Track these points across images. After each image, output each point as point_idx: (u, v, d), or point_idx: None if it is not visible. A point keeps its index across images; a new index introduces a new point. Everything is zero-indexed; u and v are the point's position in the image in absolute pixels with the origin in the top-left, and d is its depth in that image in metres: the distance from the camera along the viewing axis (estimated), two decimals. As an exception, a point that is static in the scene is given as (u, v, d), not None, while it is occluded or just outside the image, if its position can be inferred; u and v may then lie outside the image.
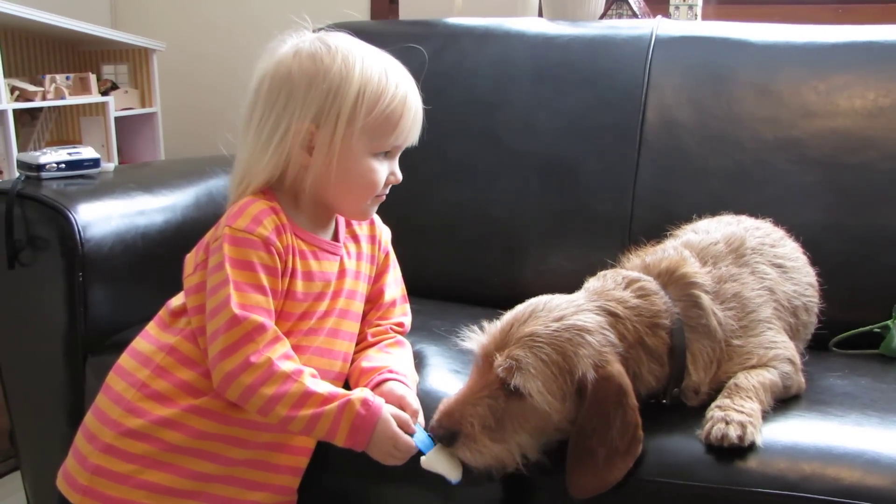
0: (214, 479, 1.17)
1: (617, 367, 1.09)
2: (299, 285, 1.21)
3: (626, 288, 1.18)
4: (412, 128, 1.25)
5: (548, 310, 1.13)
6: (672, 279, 1.20)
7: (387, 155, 1.25)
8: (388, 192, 1.29)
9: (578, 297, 1.18)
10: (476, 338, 1.15)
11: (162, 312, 1.28)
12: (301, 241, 1.22)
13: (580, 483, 1.07)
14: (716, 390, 1.18)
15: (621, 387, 1.08)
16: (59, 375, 1.53)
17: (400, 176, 1.28)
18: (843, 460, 1.06)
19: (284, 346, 1.14)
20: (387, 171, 1.25)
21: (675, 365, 1.16)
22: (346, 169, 1.22)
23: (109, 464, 1.16)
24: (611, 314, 1.14)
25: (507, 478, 1.13)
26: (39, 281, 1.51)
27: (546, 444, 1.12)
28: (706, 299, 1.19)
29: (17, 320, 1.59)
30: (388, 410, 1.13)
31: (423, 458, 1.11)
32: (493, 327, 1.15)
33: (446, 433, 1.11)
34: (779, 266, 1.31)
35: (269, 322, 1.14)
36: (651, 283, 1.19)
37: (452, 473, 1.10)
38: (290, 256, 1.20)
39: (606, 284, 1.20)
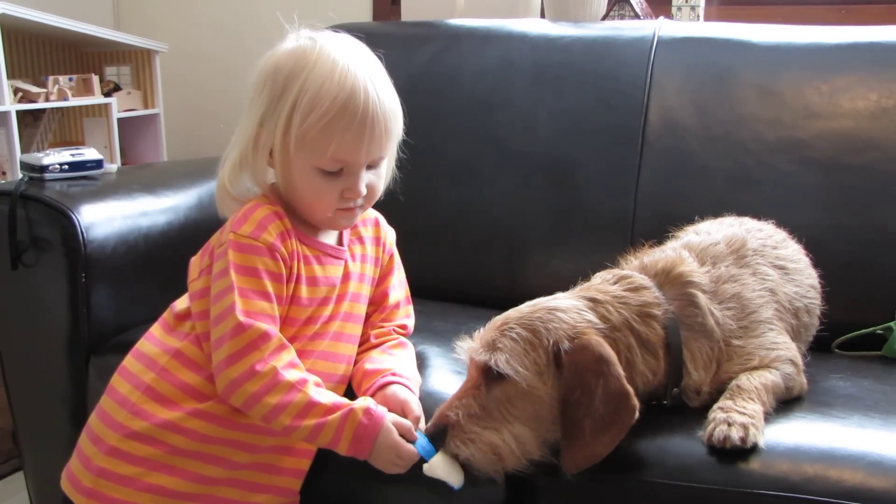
0: (219, 483, 1.17)
1: (595, 338, 1.09)
2: (304, 291, 1.21)
3: (615, 283, 1.19)
4: (355, 142, 1.16)
5: (527, 303, 1.16)
6: (669, 279, 1.21)
7: (339, 172, 1.19)
8: (359, 202, 1.23)
9: (563, 292, 1.19)
10: (464, 345, 1.16)
11: (166, 315, 1.28)
12: (305, 247, 1.22)
13: (570, 458, 1.07)
14: (717, 391, 1.18)
15: (601, 355, 1.07)
16: (61, 376, 1.53)
17: (361, 191, 1.20)
18: (845, 462, 1.06)
19: (290, 355, 1.14)
20: (337, 188, 1.19)
21: (671, 361, 1.15)
22: (289, 178, 1.21)
23: (114, 466, 1.17)
24: (591, 300, 1.15)
25: (509, 479, 1.13)
26: (42, 282, 1.51)
27: (546, 439, 1.11)
28: (703, 298, 1.19)
29: (20, 321, 1.59)
30: (390, 419, 1.13)
31: (425, 465, 1.11)
32: (479, 332, 1.16)
33: (437, 430, 1.11)
34: (780, 268, 1.31)
35: (274, 329, 1.14)
36: (642, 280, 1.19)
37: (454, 479, 1.10)
38: (295, 262, 1.20)
39: (594, 281, 1.21)
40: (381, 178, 1.25)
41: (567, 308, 1.12)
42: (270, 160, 1.21)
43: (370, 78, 1.18)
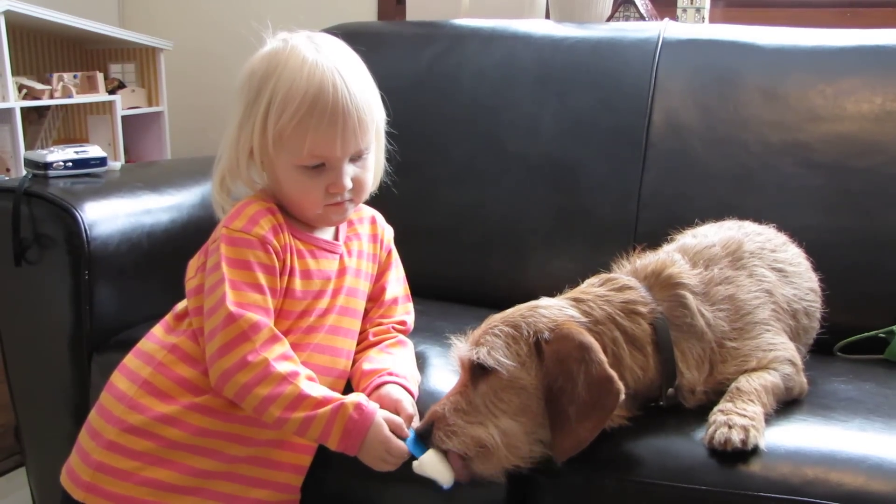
0: (216, 476, 1.18)
1: (575, 327, 1.10)
2: (297, 283, 1.22)
3: (600, 285, 1.20)
4: (329, 136, 1.17)
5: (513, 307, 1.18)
6: (658, 280, 1.21)
7: (323, 166, 1.20)
8: (347, 196, 1.23)
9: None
10: (455, 350, 1.17)
11: (168, 317, 1.29)
12: (298, 241, 1.24)
13: (558, 446, 1.08)
14: (714, 393, 1.18)
15: (581, 342, 1.08)
16: (64, 373, 1.54)
17: (345, 184, 1.21)
18: (846, 465, 1.06)
19: (283, 347, 1.15)
20: (322, 184, 1.21)
21: (662, 360, 1.16)
22: (274, 179, 1.23)
23: (112, 460, 1.17)
24: (574, 300, 1.17)
25: (510, 478, 1.13)
26: (46, 279, 1.52)
27: (538, 434, 1.11)
28: (692, 299, 1.19)
29: (24, 318, 1.60)
30: (381, 415, 1.13)
31: (414, 463, 1.12)
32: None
33: (426, 427, 1.12)
34: (779, 270, 1.31)
35: (266, 320, 1.15)
36: (628, 280, 1.20)
37: (444, 478, 1.10)
38: (288, 255, 1.21)
39: (581, 286, 1.22)
40: (367, 170, 1.26)
41: (549, 305, 1.15)
42: (256, 163, 1.23)
43: (338, 71, 1.19)
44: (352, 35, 1.40)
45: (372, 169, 1.28)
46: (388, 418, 1.14)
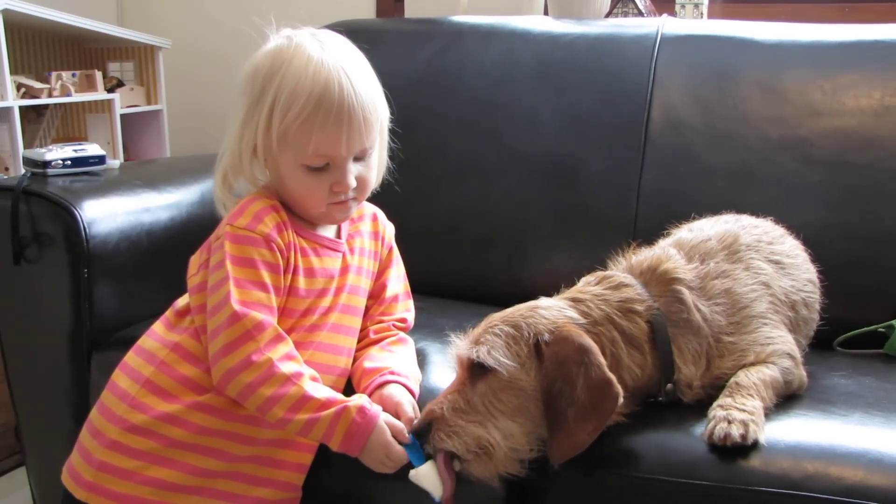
0: (218, 476, 1.18)
1: (575, 330, 1.10)
2: (301, 282, 1.21)
3: (596, 284, 1.20)
4: (335, 136, 1.17)
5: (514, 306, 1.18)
6: (654, 276, 1.21)
7: (327, 165, 1.20)
8: (351, 195, 1.23)
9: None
10: (453, 349, 1.17)
11: (168, 313, 1.29)
12: (302, 239, 1.23)
13: (556, 448, 1.08)
14: (712, 388, 1.18)
15: (581, 345, 1.08)
16: (64, 371, 1.54)
17: (349, 183, 1.21)
18: (846, 459, 1.06)
19: (287, 346, 1.15)
20: (326, 183, 1.20)
21: (660, 357, 1.16)
22: (278, 177, 1.23)
23: (114, 460, 1.17)
24: (572, 300, 1.17)
25: (509, 478, 1.13)
26: (45, 277, 1.52)
27: (537, 435, 1.11)
28: (688, 294, 1.19)
29: (23, 316, 1.60)
30: (383, 419, 1.14)
31: (411, 472, 1.12)
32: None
33: (423, 426, 1.12)
34: (776, 262, 1.30)
35: (270, 319, 1.14)
36: (624, 278, 1.20)
37: (437, 491, 1.10)
38: (292, 253, 1.21)
39: (578, 285, 1.22)
40: (371, 168, 1.26)
41: (548, 306, 1.15)
42: (260, 160, 1.23)
43: (344, 70, 1.18)
44: (353, 32, 1.40)
45: (375, 167, 1.28)
46: (390, 422, 1.14)
